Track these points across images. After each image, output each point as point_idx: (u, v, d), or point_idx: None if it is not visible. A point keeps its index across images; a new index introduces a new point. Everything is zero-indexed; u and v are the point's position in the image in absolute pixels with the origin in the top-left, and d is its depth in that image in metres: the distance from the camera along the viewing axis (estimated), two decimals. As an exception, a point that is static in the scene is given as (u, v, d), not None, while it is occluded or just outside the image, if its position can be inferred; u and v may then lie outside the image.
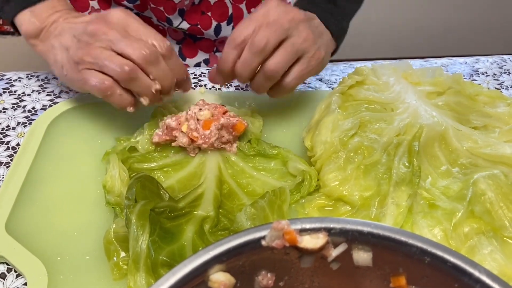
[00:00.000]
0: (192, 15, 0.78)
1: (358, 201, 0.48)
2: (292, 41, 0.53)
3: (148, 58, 0.49)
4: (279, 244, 0.31)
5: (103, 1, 0.77)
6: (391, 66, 0.63)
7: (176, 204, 0.49)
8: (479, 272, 0.28)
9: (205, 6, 0.79)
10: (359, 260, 0.32)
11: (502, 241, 0.45)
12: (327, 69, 0.78)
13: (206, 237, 0.47)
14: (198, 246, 0.46)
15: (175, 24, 0.77)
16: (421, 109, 0.56)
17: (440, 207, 0.48)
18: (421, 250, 0.30)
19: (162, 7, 0.74)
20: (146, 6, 0.75)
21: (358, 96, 0.58)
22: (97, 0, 0.77)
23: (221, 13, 0.80)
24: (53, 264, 0.45)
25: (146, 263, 0.42)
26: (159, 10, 0.74)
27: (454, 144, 0.53)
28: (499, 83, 0.77)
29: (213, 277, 0.30)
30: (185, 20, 0.78)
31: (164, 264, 0.43)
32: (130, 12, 0.53)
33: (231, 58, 0.53)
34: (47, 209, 0.51)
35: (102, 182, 0.52)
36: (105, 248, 0.46)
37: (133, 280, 0.42)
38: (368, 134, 0.53)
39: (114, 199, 0.50)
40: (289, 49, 0.53)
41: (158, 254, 0.43)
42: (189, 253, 0.45)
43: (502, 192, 0.47)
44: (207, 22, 0.80)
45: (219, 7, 0.79)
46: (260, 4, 0.85)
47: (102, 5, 0.78)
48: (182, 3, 0.75)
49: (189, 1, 0.76)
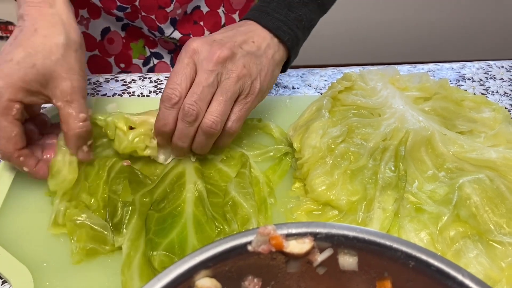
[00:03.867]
0: (184, 25, 0.78)
1: (345, 206, 0.49)
2: (223, 88, 0.50)
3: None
4: (266, 249, 0.31)
5: (92, 10, 0.77)
6: (379, 71, 0.64)
7: (164, 186, 0.52)
8: (462, 275, 0.29)
9: (197, 15, 0.78)
10: (345, 265, 0.32)
11: (488, 244, 0.46)
12: (315, 74, 0.78)
13: (207, 205, 0.50)
14: (199, 218, 0.49)
15: (166, 33, 0.77)
16: (408, 114, 0.57)
17: (427, 211, 0.48)
18: (406, 254, 0.30)
19: (154, 16, 0.73)
20: (137, 15, 0.75)
21: (346, 101, 0.59)
22: (87, 9, 0.76)
23: (213, 23, 0.80)
24: (39, 270, 0.45)
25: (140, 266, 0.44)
26: (150, 19, 0.74)
27: (440, 148, 0.53)
28: (485, 88, 0.78)
29: (199, 282, 0.30)
30: (177, 30, 0.77)
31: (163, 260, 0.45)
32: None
33: (171, 119, 0.50)
34: (33, 215, 0.51)
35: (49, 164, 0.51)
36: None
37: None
38: (355, 140, 0.53)
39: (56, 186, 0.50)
40: (221, 98, 0.50)
41: (155, 251, 0.46)
42: (191, 231, 0.48)
43: (487, 196, 0.48)
44: (200, 31, 0.79)
45: (211, 17, 0.79)
46: None
47: (91, 14, 0.77)
48: (174, 12, 0.74)
49: (181, 10, 0.75)
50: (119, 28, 0.79)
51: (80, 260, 0.46)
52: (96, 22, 0.77)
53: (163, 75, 0.76)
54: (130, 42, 0.80)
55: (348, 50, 2.36)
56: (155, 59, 0.83)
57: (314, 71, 0.79)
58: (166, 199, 0.51)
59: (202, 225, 0.49)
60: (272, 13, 0.57)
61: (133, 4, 0.72)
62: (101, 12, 0.77)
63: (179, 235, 0.47)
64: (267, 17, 0.57)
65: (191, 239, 0.47)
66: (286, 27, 0.57)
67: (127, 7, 0.73)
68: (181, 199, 0.51)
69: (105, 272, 0.46)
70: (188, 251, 0.46)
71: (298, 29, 0.58)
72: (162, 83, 0.73)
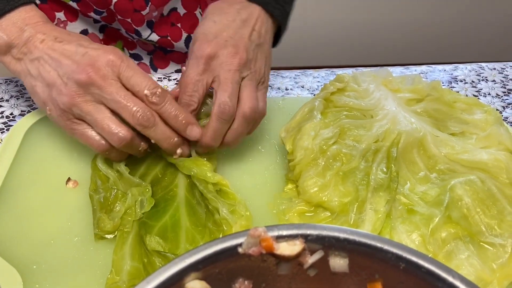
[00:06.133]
0: (161, 27, 0.77)
1: (338, 207, 0.49)
2: (249, 82, 0.54)
3: (145, 124, 0.49)
4: (256, 251, 0.31)
5: (69, 13, 0.75)
6: (372, 73, 0.64)
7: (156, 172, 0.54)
8: (453, 277, 0.29)
9: (174, 17, 0.78)
10: (336, 267, 0.32)
11: (479, 246, 0.46)
12: (308, 76, 0.78)
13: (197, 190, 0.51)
14: (191, 201, 0.50)
15: (144, 36, 0.76)
16: (400, 115, 0.57)
17: (418, 213, 0.48)
18: (397, 256, 0.30)
19: (130, 19, 0.72)
20: (114, 18, 0.73)
21: (339, 102, 0.59)
22: (64, 12, 0.74)
23: (191, 25, 0.79)
24: (29, 272, 0.45)
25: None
26: (126, 22, 0.73)
27: (432, 150, 0.53)
28: (477, 90, 0.78)
29: (189, 285, 0.30)
30: (155, 32, 0.76)
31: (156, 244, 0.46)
32: (120, 53, 0.51)
33: (196, 99, 0.53)
34: (23, 217, 0.50)
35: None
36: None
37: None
38: (347, 141, 0.53)
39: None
40: (250, 89, 0.54)
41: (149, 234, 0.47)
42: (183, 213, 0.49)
43: (478, 198, 0.48)
44: (177, 33, 0.78)
45: (188, 19, 0.78)
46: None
47: (68, 17, 0.75)
48: (150, 15, 0.73)
49: (157, 12, 0.74)
50: (97, 30, 0.77)
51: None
52: (74, 25, 0.75)
53: (156, 76, 0.75)
54: (109, 44, 0.79)
55: (341, 52, 2.36)
56: (134, 61, 0.82)
57: (307, 73, 0.79)
58: (158, 184, 0.52)
59: (194, 207, 0.50)
60: None
61: (109, 8, 0.71)
62: (78, 14, 0.75)
63: (172, 217, 0.49)
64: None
65: (184, 221, 0.48)
66: (274, 2, 0.60)
67: (103, 11, 0.72)
68: (173, 183, 0.52)
69: (95, 274, 0.45)
70: (181, 233, 0.47)
71: (286, 3, 0.62)
72: (155, 84, 0.73)
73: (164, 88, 0.51)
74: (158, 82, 0.73)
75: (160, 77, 0.75)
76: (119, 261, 0.45)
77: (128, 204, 0.49)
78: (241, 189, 0.54)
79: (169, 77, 0.75)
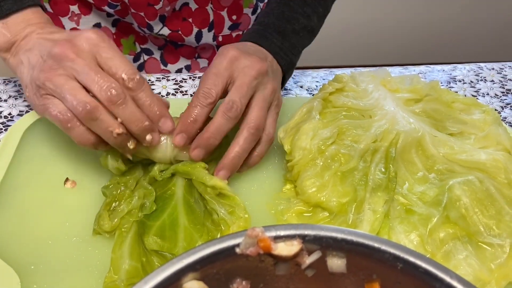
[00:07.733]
0: (173, 21, 0.78)
1: (336, 207, 0.49)
2: (261, 97, 0.54)
3: (114, 99, 0.46)
4: (254, 251, 0.31)
5: (83, 6, 0.77)
6: (370, 73, 0.64)
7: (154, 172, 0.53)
8: (450, 277, 0.29)
9: (186, 12, 0.79)
10: (334, 267, 0.32)
11: (477, 246, 0.46)
12: (307, 76, 0.78)
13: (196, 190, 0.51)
14: (189, 200, 0.50)
15: (155, 30, 0.77)
16: (398, 115, 0.57)
17: (417, 213, 0.48)
18: (394, 256, 0.30)
19: (143, 13, 0.74)
20: (127, 12, 0.75)
21: (337, 102, 0.59)
22: (78, 5, 0.76)
23: (202, 20, 0.80)
24: (27, 273, 0.45)
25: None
26: (140, 16, 0.74)
27: (431, 150, 0.53)
28: (475, 90, 0.78)
29: (187, 285, 0.30)
30: (166, 26, 0.78)
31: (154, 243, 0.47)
32: (103, 35, 0.49)
33: (203, 117, 0.51)
34: (21, 217, 0.50)
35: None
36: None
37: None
38: (346, 142, 0.53)
39: None
40: (261, 104, 0.53)
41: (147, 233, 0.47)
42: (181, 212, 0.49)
43: (476, 198, 0.48)
44: (188, 28, 0.80)
45: (200, 14, 0.80)
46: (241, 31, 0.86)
47: (82, 10, 0.77)
48: (163, 9, 0.75)
49: (170, 7, 0.76)
50: (110, 24, 0.79)
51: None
52: (87, 18, 0.77)
53: (155, 76, 0.75)
54: (121, 38, 0.81)
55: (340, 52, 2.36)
56: (145, 55, 0.83)
57: (306, 73, 0.79)
58: (156, 183, 0.52)
59: (192, 206, 0.50)
60: (271, 38, 0.62)
61: (123, 2, 0.73)
62: (92, 8, 0.77)
63: (170, 216, 0.49)
64: (267, 41, 0.61)
65: (182, 220, 0.48)
66: (282, 53, 0.62)
67: (117, 4, 0.73)
68: (171, 182, 0.52)
69: (93, 274, 0.45)
70: (179, 231, 0.47)
71: (293, 54, 0.64)
72: (154, 84, 0.73)
73: (143, 77, 0.49)
74: (157, 82, 0.74)
75: (159, 77, 0.75)
76: (118, 260, 0.45)
77: (133, 206, 0.49)
78: (240, 189, 0.55)
79: (167, 77, 0.75)
